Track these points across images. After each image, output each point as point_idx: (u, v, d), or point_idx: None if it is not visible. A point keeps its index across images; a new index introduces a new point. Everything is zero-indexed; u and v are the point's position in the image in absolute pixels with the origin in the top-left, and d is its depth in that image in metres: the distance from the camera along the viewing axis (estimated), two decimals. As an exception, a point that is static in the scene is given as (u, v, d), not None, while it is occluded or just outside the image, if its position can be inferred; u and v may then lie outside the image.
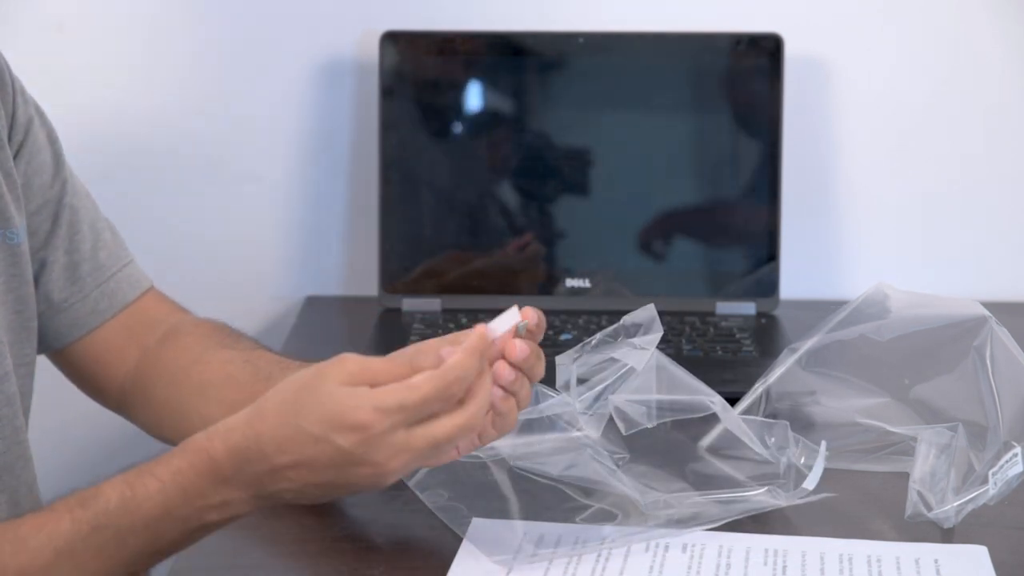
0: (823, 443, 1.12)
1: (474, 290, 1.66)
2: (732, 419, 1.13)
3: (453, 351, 0.94)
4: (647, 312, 1.11)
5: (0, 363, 1.11)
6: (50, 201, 1.19)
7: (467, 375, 0.94)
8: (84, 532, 0.92)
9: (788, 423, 1.14)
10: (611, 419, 1.12)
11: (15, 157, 1.16)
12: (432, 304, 1.65)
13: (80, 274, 1.21)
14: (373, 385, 0.93)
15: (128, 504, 0.93)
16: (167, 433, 1.21)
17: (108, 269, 1.22)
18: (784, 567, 1.01)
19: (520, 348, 1.00)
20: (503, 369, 0.99)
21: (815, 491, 1.09)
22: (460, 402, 0.94)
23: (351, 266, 1.76)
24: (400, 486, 1.14)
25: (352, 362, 0.94)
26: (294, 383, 0.95)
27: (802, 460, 1.12)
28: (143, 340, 1.24)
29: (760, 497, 1.09)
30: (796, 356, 1.20)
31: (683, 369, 1.12)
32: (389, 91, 1.66)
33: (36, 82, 1.21)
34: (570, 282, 1.66)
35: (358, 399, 0.92)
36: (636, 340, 1.10)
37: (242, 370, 1.19)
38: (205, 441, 0.94)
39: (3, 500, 1.11)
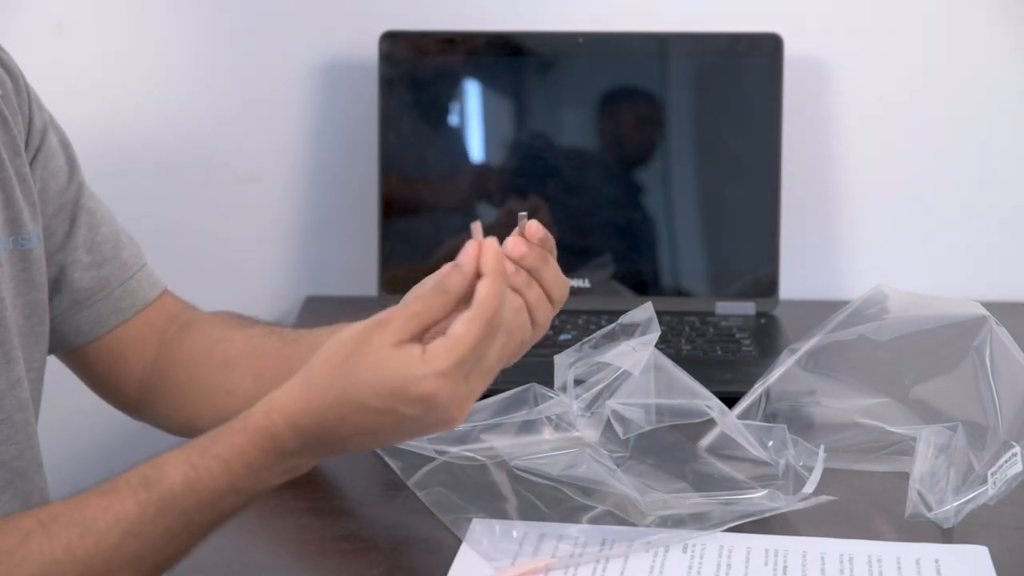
0: (821, 446, 1.12)
1: (474, 290, 1.65)
2: (730, 423, 1.13)
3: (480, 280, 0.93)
4: (645, 311, 1.11)
5: (14, 368, 1.11)
6: (67, 204, 1.20)
7: (502, 302, 0.93)
8: (150, 514, 0.93)
9: (786, 426, 1.14)
10: (610, 420, 1.12)
11: (32, 163, 1.17)
12: (432, 304, 1.65)
13: (104, 272, 1.22)
14: (422, 331, 0.92)
15: (194, 485, 0.93)
16: (188, 416, 1.22)
17: (131, 268, 1.24)
18: (785, 567, 1.01)
19: (515, 244, 1.01)
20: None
21: (814, 494, 1.09)
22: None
23: (351, 266, 1.76)
24: (400, 486, 1.14)
25: (395, 321, 0.92)
26: (340, 351, 0.93)
27: (801, 463, 1.12)
28: (161, 335, 1.25)
29: (760, 500, 1.09)
30: (796, 356, 1.20)
31: (681, 370, 1.12)
32: (389, 91, 1.66)
33: (35, 82, 1.22)
34: (569, 282, 1.66)
35: (415, 367, 0.90)
36: (634, 340, 1.10)
37: (267, 340, 1.21)
38: (264, 419, 0.94)
39: (16, 505, 1.12)
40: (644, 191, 1.68)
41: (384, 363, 0.91)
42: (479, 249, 0.94)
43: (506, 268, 1.00)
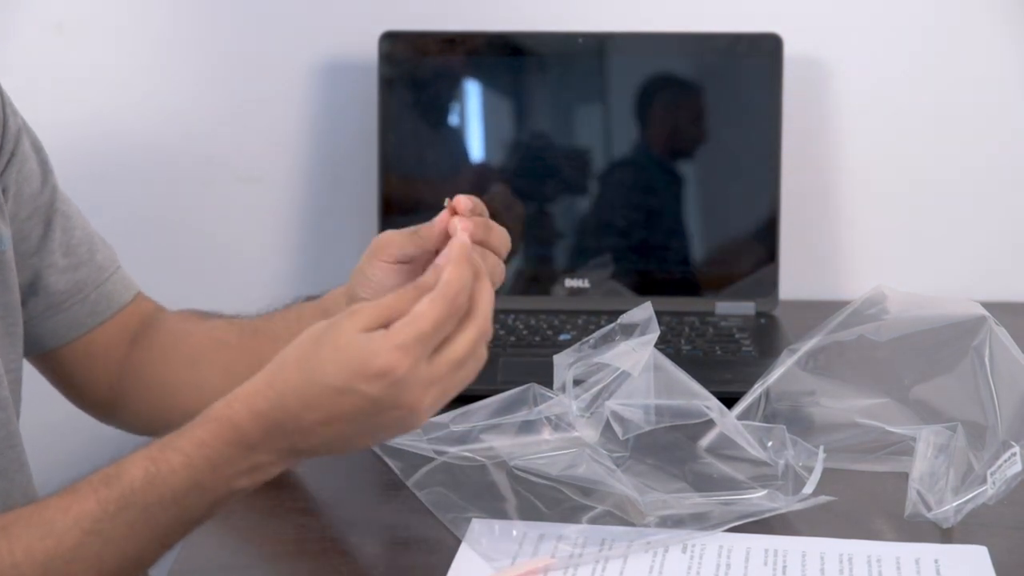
0: (821, 447, 1.12)
1: (474, 290, 1.65)
2: (729, 424, 1.13)
3: (445, 266, 0.94)
4: (644, 311, 1.11)
5: None
6: (41, 207, 1.20)
7: (466, 284, 0.93)
8: (111, 511, 0.92)
9: (785, 427, 1.14)
10: (609, 420, 1.12)
11: (6, 167, 1.17)
12: (432, 304, 1.65)
13: (80, 275, 1.22)
14: (389, 323, 0.92)
15: (154, 480, 0.92)
16: (160, 415, 1.22)
17: (106, 270, 1.24)
18: (784, 567, 1.01)
19: (463, 224, 1.04)
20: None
21: (814, 494, 1.09)
22: (467, 313, 0.94)
23: (351, 266, 1.75)
24: (399, 486, 1.14)
25: (365, 310, 0.93)
26: (310, 337, 0.94)
27: (800, 463, 1.12)
28: (134, 336, 1.26)
29: (760, 500, 1.09)
30: (796, 357, 1.20)
31: (681, 370, 1.12)
32: (389, 91, 1.66)
33: (35, 82, 1.22)
34: (569, 282, 1.66)
35: (375, 344, 0.90)
36: (633, 340, 1.10)
37: (228, 332, 1.22)
38: (226, 409, 0.94)
39: None
40: (644, 191, 1.68)
41: (349, 344, 0.91)
42: (449, 214, 1.02)
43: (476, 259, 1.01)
